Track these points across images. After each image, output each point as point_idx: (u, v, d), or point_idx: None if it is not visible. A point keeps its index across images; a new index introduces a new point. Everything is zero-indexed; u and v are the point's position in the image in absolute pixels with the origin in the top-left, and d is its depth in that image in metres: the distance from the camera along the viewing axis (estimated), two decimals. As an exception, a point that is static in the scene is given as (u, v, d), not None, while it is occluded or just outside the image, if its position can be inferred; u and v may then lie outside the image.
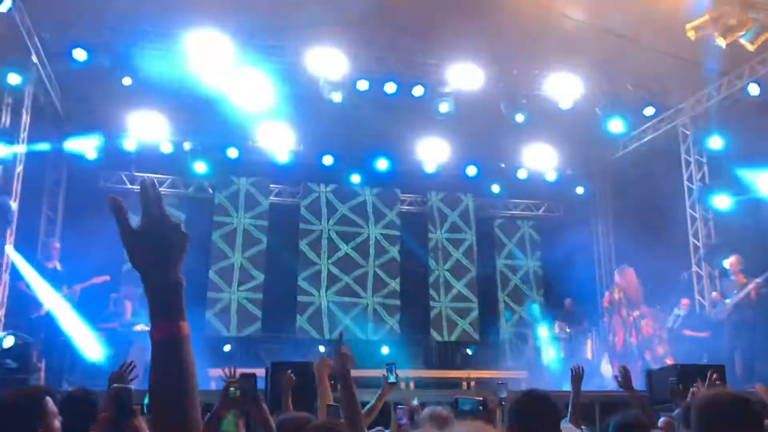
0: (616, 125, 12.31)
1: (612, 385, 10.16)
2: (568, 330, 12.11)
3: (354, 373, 3.33)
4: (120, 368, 3.79)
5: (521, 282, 14.42)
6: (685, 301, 11.13)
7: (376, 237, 13.84)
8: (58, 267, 9.90)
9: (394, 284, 13.66)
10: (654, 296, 11.54)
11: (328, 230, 13.61)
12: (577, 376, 4.61)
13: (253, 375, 3.34)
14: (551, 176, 14.06)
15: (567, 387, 8.81)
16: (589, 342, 12.22)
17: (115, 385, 3.24)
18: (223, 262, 12.95)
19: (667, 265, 11.68)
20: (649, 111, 12.29)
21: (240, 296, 12.81)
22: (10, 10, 8.78)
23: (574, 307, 12.60)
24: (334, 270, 13.47)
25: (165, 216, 1.34)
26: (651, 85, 11.97)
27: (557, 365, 11.83)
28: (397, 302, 13.59)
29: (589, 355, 12.11)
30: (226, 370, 3.78)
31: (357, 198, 13.95)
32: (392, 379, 4.27)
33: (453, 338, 13.61)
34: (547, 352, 12.28)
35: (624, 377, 4.57)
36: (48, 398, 2.76)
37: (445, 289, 13.90)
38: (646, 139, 13.03)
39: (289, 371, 4.36)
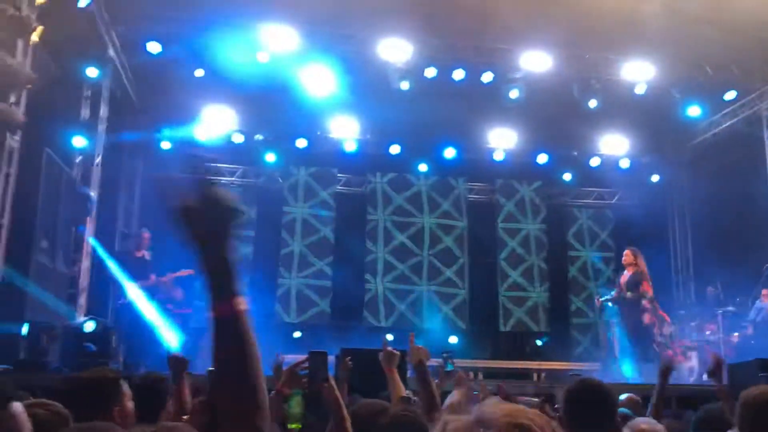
0: (693, 110, 11.87)
1: (690, 379, 9.87)
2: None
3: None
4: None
5: (592, 272, 14.11)
6: (766, 292, 10.65)
7: (430, 226, 13.80)
8: (147, 256, 10.07)
9: (450, 273, 13.62)
10: (733, 289, 11.08)
11: (384, 220, 13.67)
12: (666, 369, 4.22)
13: (324, 353, 3.14)
14: (625, 164, 13.66)
15: (639, 380, 8.62)
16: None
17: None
18: (284, 250, 13.19)
19: (747, 255, 11.19)
20: (729, 95, 11.79)
21: (299, 282, 12.99)
22: (89, 4, 9.07)
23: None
24: (390, 258, 13.54)
25: (220, 194, 1.32)
26: (732, 68, 11.45)
27: (630, 357, 11.50)
28: (459, 291, 13.53)
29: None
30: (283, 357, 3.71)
31: (413, 188, 13.93)
32: (450, 367, 4.15)
33: (509, 328, 13.49)
34: (620, 344, 11.94)
35: (716, 367, 4.28)
36: (124, 381, 2.84)
37: (501, 279, 13.79)
38: (726, 125, 12.48)
39: (348, 359, 4.26)
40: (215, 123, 12.27)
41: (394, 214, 13.77)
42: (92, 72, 10.09)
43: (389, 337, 12.25)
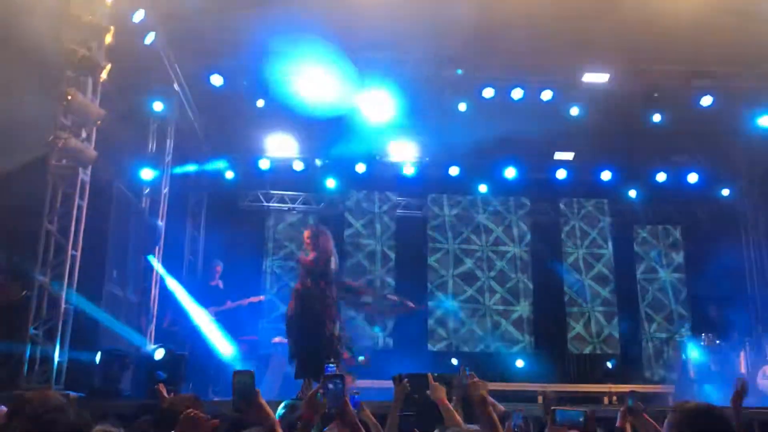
0: (766, 121, 11.44)
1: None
2: (718, 341, 11.29)
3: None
4: None
5: (661, 292, 13.65)
6: None
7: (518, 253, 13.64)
8: (221, 285, 10.78)
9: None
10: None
11: (455, 248, 13.58)
12: (739, 393, 3.84)
13: (341, 376, 3.08)
14: (693, 178, 13.24)
15: (719, 403, 8.24)
16: (742, 354, 11.32)
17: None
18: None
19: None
20: (803, 104, 11.31)
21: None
22: (153, 41, 9.37)
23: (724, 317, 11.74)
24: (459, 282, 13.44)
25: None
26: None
27: (707, 379, 11.04)
28: (531, 314, 13.29)
29: (742, 369, 11.23)
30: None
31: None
32: (464, 382, 3.99)
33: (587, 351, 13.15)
34: (696, 365, 11.48)
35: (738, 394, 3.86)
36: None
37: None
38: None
39: (405, 380, 4.11)
40: (276, 151, 12.50)
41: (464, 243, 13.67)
42: (158, 106, 10.40)
43: (453, 361, 12.15)
